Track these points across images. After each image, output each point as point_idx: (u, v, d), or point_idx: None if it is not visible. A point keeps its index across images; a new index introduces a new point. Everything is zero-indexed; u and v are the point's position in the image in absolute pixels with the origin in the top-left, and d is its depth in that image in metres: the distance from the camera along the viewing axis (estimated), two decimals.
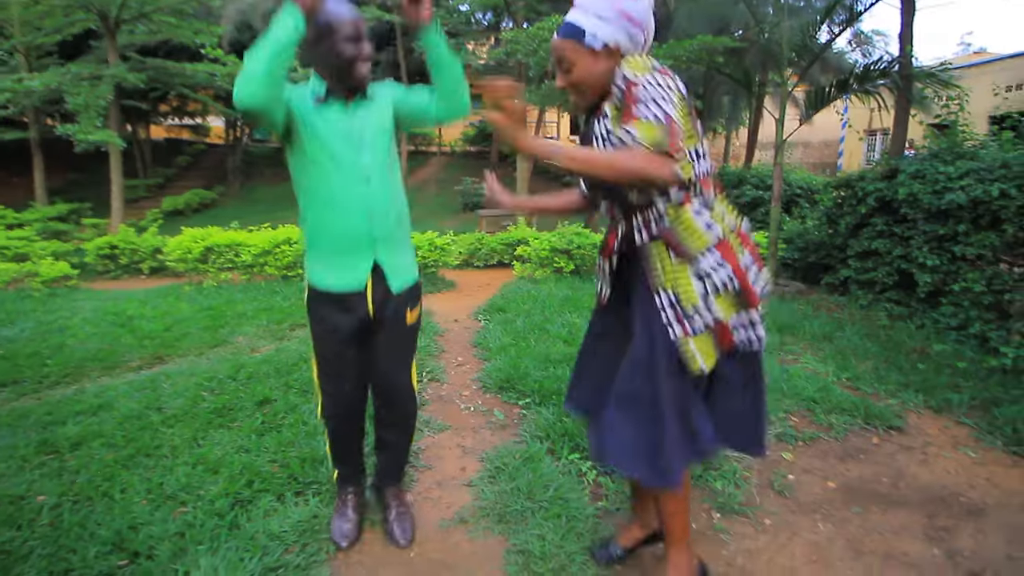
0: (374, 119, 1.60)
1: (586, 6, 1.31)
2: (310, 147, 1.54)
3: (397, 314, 1.70)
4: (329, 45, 1.49)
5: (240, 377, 3.39)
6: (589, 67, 1.31)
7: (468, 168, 16.49)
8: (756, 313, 1.35)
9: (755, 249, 1.39)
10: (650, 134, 1.15)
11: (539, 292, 5.31)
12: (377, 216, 1.60)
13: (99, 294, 6.23)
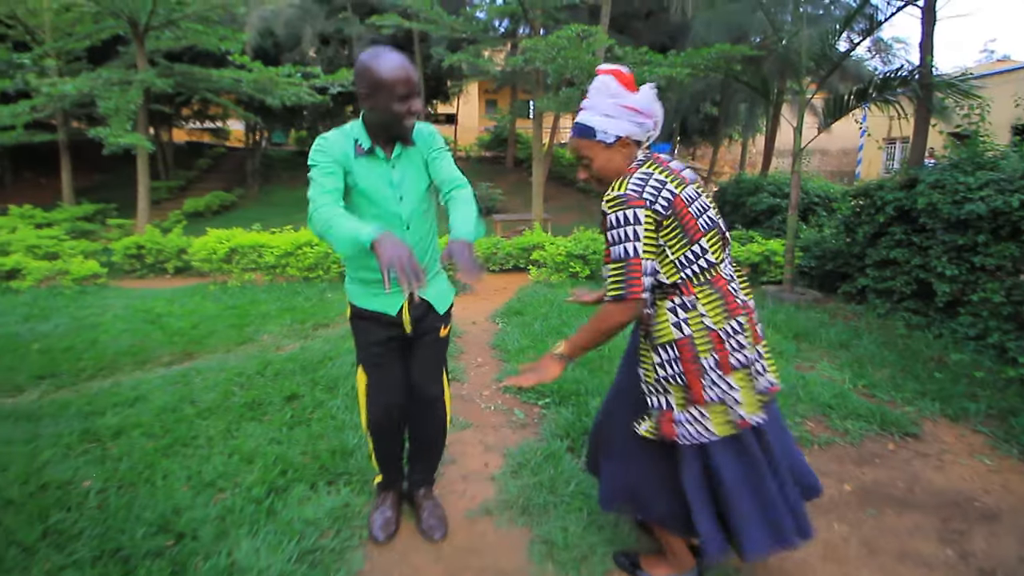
0: (413, 170, 1.68)
1: (593, 107, 1.45)
2: (353, 193, 1.62)
3: (432, 328, 1.82)
4: (380, 101, 1.51)
5: (268, 373, 3.50)
6: (606, 159, 1.46)
7: (483, 173, 16.62)
8: (703, 411, 1.41)
9: (727, 355, 1.40)
10: (614, 280, 1.35)
11: (555, 296, 5.39)
12: (415, 255, 1.68)
13: (127, 292, 6.41)
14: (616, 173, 1.44)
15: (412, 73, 1.51)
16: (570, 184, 16.03)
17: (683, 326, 1.39)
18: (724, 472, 1.42)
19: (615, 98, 1.42)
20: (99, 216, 12.15)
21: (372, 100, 1.52)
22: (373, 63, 1.48)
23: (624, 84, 1.43)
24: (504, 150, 19.17)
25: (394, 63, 1.49)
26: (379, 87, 1.49)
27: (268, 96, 9.46)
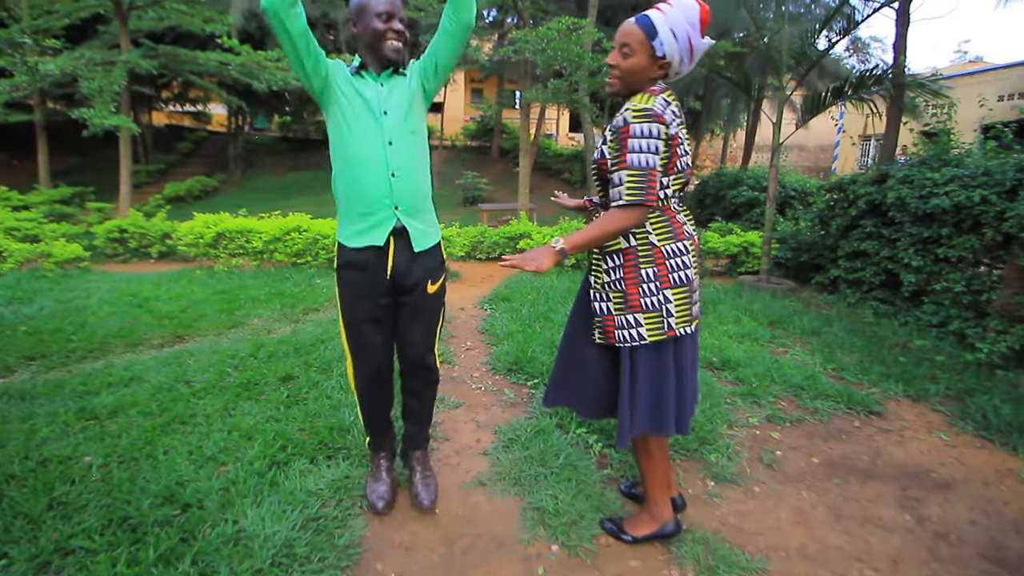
0: (400, 90, 1.79)
1: (667, 18, 1.48)
2: (340, 109, 1.73)
3: (419, 284, 1.84)
4: (363, 21, 1.71)
5: (261, 355, 3.57)
6: (642, 63, 1.52)
7: (469, 162, 16.64)
8: (638, 317, 1.57)
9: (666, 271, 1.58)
10: (630, 186, 1.45)
11: (542, 284, 5.51)
12: (399, 177, 1.76)
13: (112, 276, 6.36)
14: (636, 84, 1.54)
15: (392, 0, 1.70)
16: (556, 175, 16.15)
17: (631, 238, 1.57)
18: (639, 368, 1.60)
19: (691, 27, 1.48)
20: (77, 199, 11.92)
21: (359, 25, 1.73)
22: None
23: (702, 22, 1.51)
24: (490, 140, 19.17)
25: None
26: (362, 9, 1.70)
27: (254, 80, 9.35)
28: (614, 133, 1.51)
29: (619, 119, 1.50)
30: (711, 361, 3.42)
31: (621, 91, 1.58)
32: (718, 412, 2.72)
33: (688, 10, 1.48)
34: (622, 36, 1.54)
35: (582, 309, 1.75)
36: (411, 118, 1.80)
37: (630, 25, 1.53)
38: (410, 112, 1.79)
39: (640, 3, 13.44)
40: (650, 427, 1.62)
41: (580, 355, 1.73)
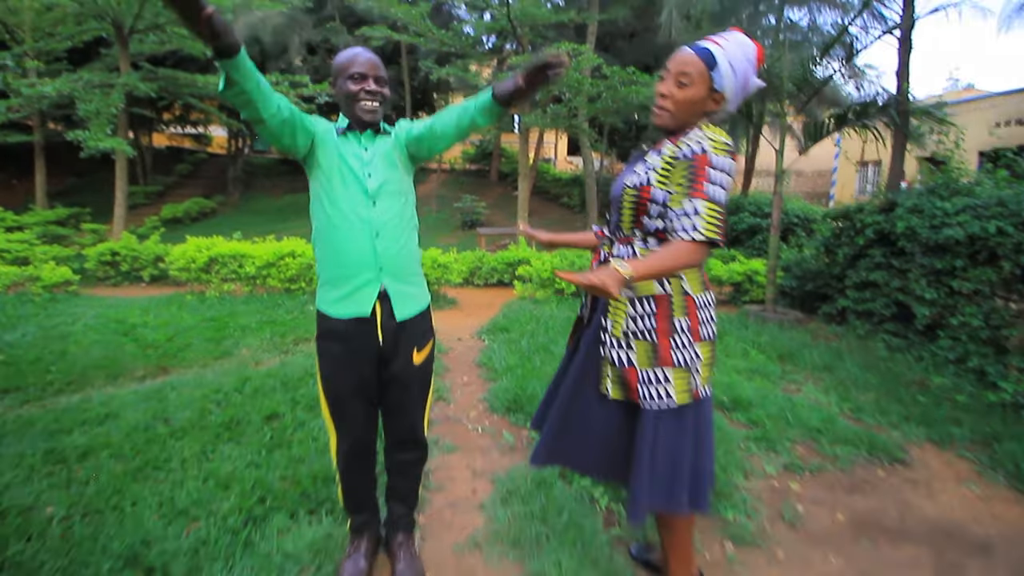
0: (384, 150, 1.70)
1: (727, 51, 1.38)
2: (323, 172, 1.65)
3: (405, 354, 1.70)
4: (337, 83, 1.68)
5: (246, 390, 3.39)
6: (699, 95, 1.40)
7: (468, 185, 16.62)
8: (667, 373, 1.41)
9: (698, 322, 1.44)
10: (710, 221, 1.31)
11: (541, 313, 5.36)
12: (384, 237, 1.65)
13: (100, 300, 6.20)
14: (687, 117, 1.42)
15: (368, 58, 1.65)
16: (554, 199, 16.12)
17: (665, 283, 1.42)
18: (661, 433, 1.43)
19: (748, 63, 1.41)
20: (72, 220, 11.81)
21: (336, 85, 1.70)
22: (338, 54, 1.69)
23: (757, 62, 1.44)
24: (489, 163, 19.21)
25: (350, 50, 1.67)
26: (337, 71, 1.67)
27: None
28: (685, 161, 1.37)
29: (690, 147, 1.37)
30: (721, 400, 3.25)
31: (669, 124, 1.45)
32: (733, 460, 2.54)
33: (746, 47, 1.40)
34: (679, 64, 1.41)
35: (588, 357, 1.57)
36: (396, 179, 1.71)
37: (688, 54, 1.40)
38: (395, 173, 1.70)
39: (637, 31, 13.58)
40: (665, 502, 1.44)
41: (584, 411, 1.56)
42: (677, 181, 1.37)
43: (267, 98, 1.44)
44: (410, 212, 1.76)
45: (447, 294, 6.43)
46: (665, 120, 1.45)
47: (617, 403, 1.48)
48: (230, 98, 1.40)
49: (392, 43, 12.41)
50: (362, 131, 1.70)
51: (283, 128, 1.54)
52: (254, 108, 1.43)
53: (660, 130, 1.49)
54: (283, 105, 1.51)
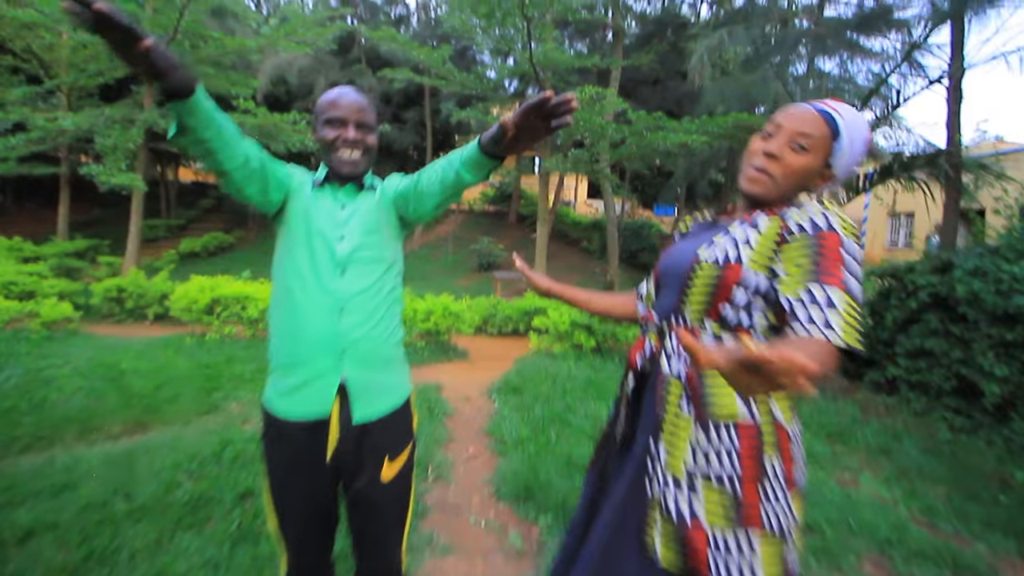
0: (365, 209, 1.41)
1: (848, 122, 1.11)
2: (290, 229, 1.38)
3: (371, 467, 1.33)
4: (315, 128, 1.44)
5: (225, 458, 3.02)
6: (814, 166, 1.11)
7: (486, 227, 16.48)
8: (753, 538, 1.00)
9: (792, 464, 1.05)
10: (850, 320, 0.96)
11: (558, 371, 4.94)
12: (350, 313, 1.33)
13: (97, 340, 5.97)
14: (791, 190, 1.13)
15: (351, 101, 1.38)
16: (574, 243, 15.85)
17: (753, 407, 1.04)
18: None
19: (863, 144, 1.14)
20: (91, 252, 11.84)
21: (314, 130, 1.47)
22: (322, 95, 1.45)
23: (868, 144, 1.18)
24: (508, 205, 19.14)
25: (334, 91, 1.43)
26: (316, 113, 1.44)
27: (272, 142, 9.33)
28: (804, 238, 1.03)
29: (810, 222, 1.04)
30: None
31: (769, 193, 1.13)
32: None
33: (862, 124, 1.13)
34: (798, 123, 1.11)
35: (627, 500, 1.14)
36: (375, 244, 1.40)
37: (812, 114, 1.10)
38: (375, 237, 1.40)
39: (661, 77, 13.53)
40: None
41: (619, 573, 1.14)
42: (794, 261, 1.02)
43: (231, 147, 1.15)
44: (390, 284, 1.42)
45: (457, 344, 6.07)
46: (765, 188, 1.13)
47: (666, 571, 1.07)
48: (185, 146, 1.11)
49: (415, 85, 12.52)
50: (342, 185, 1.42)
51: (250, 181, 1.25)
52: (214, 159, 1.14)
53: (748, 198, 1.16)
54: (252, 155, 1.23)
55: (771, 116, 1.23)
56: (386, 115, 16.01)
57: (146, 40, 0.90)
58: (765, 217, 1.12)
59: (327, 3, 14.01)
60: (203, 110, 1.04)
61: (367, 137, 1.40)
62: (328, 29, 9.95)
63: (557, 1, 8.47)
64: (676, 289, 1.19)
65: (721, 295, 1.11)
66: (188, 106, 1.01)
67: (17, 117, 7.78)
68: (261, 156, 1.28)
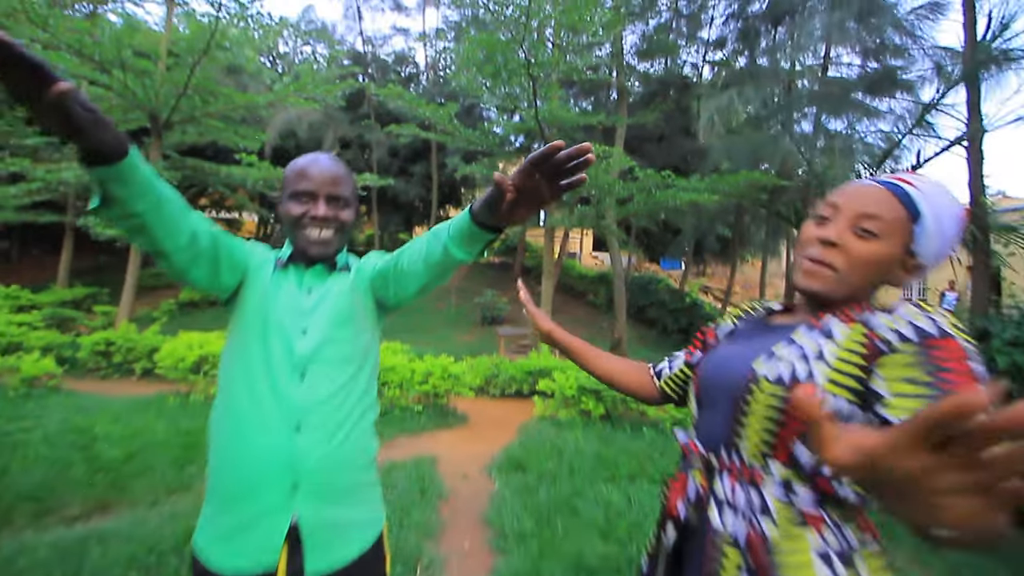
0: (336, 296, 1.19)
1: (930, 199, 0.88)
2: (243, 318, 1.14)
3: None
4: (280, 202, 1.21)
5: (186, 552, 2.65)
6: (891, 255, 0.88)
7: (490, 279, 16.31)
8: None
9: None
10: None
11: (564, 442, 4.58)
12: (308, 431, 1.07)
13: (77, 399, 5.65)
14: (860, 283, 0.89)
15: (322, 170, 1.17)
16: (579, 296, 15.63)
17: (836, 565, 0.78)
18: None
19: (956, 223, 0.90)
20: (88, 301, 11.67)
21: (280, 202, 1.24)
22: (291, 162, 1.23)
23: (960, 229, 0.93)
24: (513, 257, 19.06)
25: (304, 158, 1.20)
26: (284, 182, 1.21)
27: (276, 193, 9.33)
28: (912, 348, 0.80)
29: (912, 328, 0.81)
30: None
31: (833, 290, 0.91)
32: None
33: (951, 199, 0.90)
34: (862, 203, 0.89)
35: None
36: (346, 338, 1.16)
37: (878, 190, 0.89)
38: (345, 330, 1.16)
39: (666, 133, 13.66)
40: None
41: None
42: (904, 378, 0.77)
43: (172, 223, 0.93)
44: (361, 387, 1.17)
45: (457, 408, 5.71)
46: (827, 283, 0.90)
47: None
48: (110, 221, 0.87)
49: (422, 139, 12.67)
50: (309, 265, 1.21)
51: (197, 263, 1.02)
52: (150, 237, 0.92)
53: (808, 296, 0.93)
54: (201, 231, 1.01)
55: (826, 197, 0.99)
56: (393, 168, 16.19)
57: (59, 84, 0.68)
58: (840, 323, 0.87)
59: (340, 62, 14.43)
60: (137, 177, 0.83)
61: (341, 213, 1.18)
62: (337, 86, 10.13)
63: (562, 61, 8.59)
64: (726, 412, 0.92)
65: (791, 428, 0.84)
66: (117, 172, 0.80)
67: (16, 168, 7.78)
68: (212, 233, 1.04)
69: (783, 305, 1.10)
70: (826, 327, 0.88)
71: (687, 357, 1.17)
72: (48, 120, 0.72)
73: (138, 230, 0.90)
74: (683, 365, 1.16)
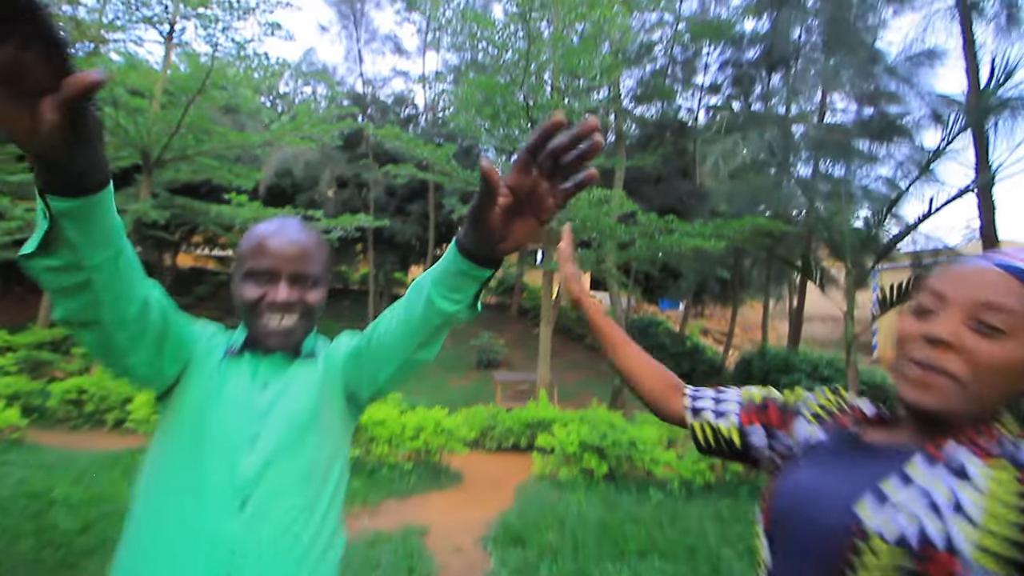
0: (298, 390, 0.96)
1: None
2: (177, 420, 0.92)
3: None
4: (235, 279, 0.98)
5: None
6: (1017, 358, 0.66)
7: (486, 320, 16.01)
8: None
9: None
10: None
11: (566, 507, 4.21)
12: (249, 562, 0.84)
13: (40, 454, 5.25)
14: (995, 395, 0.69)
15: (284, 243, 0.95)
16: (578, 339, 15.32)
17: None
18: None
19: None
20: (67, 342, 11.25)
21: (231, 278, 1.02)
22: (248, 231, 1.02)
23: None
24: (510, 297, 18.83)
25: (263, 227, 0.99)
26: (239, 258, 0.98)
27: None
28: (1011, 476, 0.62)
29: None
30: None
31: (958, 407, 0.69)
32: None
33: None
34: (981, 291, 0.69)
35: None
36: (309, 446, 0.93)
37: (1000, 275, 0.69)
38: (310, 434, 0.93)
39: (663, 176, 13.66)
40: None
41: None
42: None
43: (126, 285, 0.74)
44: (320, 516, 0.92)
45: (450, 465, 5.33)
46: (946, 398, 0.69)
47: None
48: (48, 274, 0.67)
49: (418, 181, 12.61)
50: (267, 353, 0.98)
51: (142, 343, 0.82)
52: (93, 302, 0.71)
53: (921, 414, 0.71)
54: (153, 300, 0.81)
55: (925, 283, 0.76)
56: (390, 207, 16.10)
57: (91, 74, 0.49)
58: (974, 457, 0.66)
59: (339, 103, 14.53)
60: (106, 219, 0.65)
61: (307, 295, 0.96)
62: (334, 126, 10.09)
63: (561, 104, 8.57)
64: (817, 568, 0.68)
65: None
66: (90, 207, 0.61)
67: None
68: (164, 305, 0.85)
69: (874, 410, 0.86)
70: (954, 461, 0.66)
71: (742, 420, 0.95)
72: (55, 121, 0.51)
73: (79, 290, 0.68)
74: (734, 429, 0.96)
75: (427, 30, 15.59)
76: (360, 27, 17.57)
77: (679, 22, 12.17)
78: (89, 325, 0.74)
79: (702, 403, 1.03)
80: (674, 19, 12.20)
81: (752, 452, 0.95)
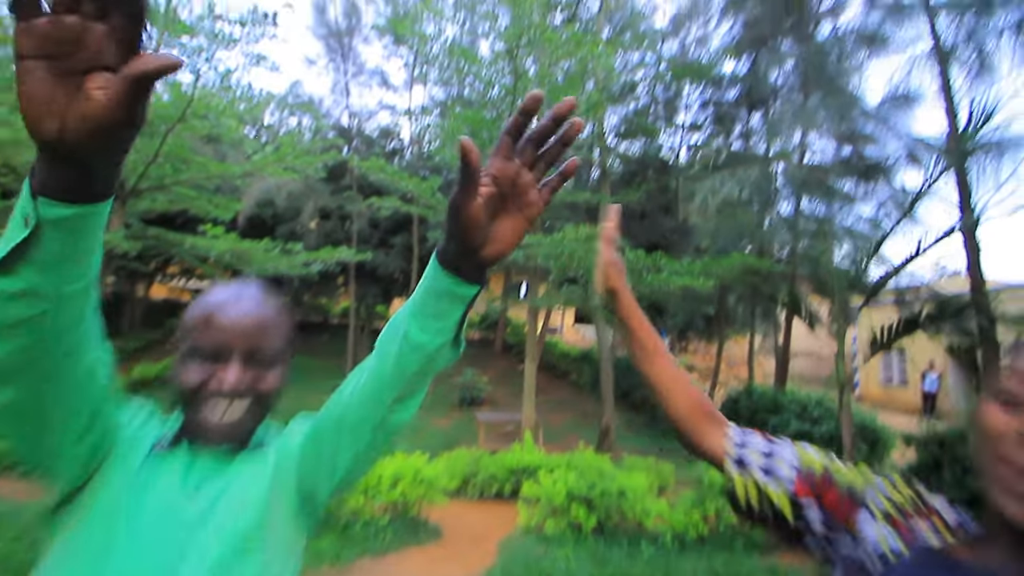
0: (243, 491, 0.77)
1: None
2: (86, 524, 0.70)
3: None
4: (178, 358, 0.79)
5: None
6: None
7: (470, 357, 15.68)
8: None
9: None
10: None
11: (553, 564, 3.93)
12: None
13: None
14: None
15: (237, 317, 0.78)
16: (563, 376, 15.07)
17: None
18: None
19: None
20: None
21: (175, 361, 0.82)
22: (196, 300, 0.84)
23: None
24: (494, 332, 18.57)
25: (211, 296, 0.81)
26: (180, 335, 0.80)
27: (245, 266, 8.89)
28: None
29: None
30: None
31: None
32: None
33: None
34: None
35: None
36: (249, 566, 0.71)
37: None
38: (249, 555, 0.73)
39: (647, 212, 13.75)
40: None
41: None
42: None
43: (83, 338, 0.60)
44: None
45: (429, 518, 5.00)
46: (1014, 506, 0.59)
47: None
48: None
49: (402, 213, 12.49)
50: (207, 444, 0.79)
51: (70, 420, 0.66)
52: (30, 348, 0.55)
53: None
54: (104, 361, 0.67)
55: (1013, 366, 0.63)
56: (373, 239, 15.90)
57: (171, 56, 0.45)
58: None
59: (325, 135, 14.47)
60: (95, 238, 0.53)
61: (263, 378, 0.79)
62: (318, 158, 9.97)
63: None
64: None
65: None
66: (91, 215, 0.50)
67: None
68: (110, 376, 0.69)
69: (956, 518, 0.73)
70: None
71: (797, 489, 0.79)
72: (111, 102, 0.43)
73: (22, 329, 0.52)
74: (785, 498, 0.80)
75: (414, 64, 15.72)
76: (348, 60, 17.69)
77: (661, 62, 12.45)
78: (11, 380, 0.55)
79: (749, 454, 0.85)
80: (656, 59, 12.48)
81: (803, 530, 0.79)
